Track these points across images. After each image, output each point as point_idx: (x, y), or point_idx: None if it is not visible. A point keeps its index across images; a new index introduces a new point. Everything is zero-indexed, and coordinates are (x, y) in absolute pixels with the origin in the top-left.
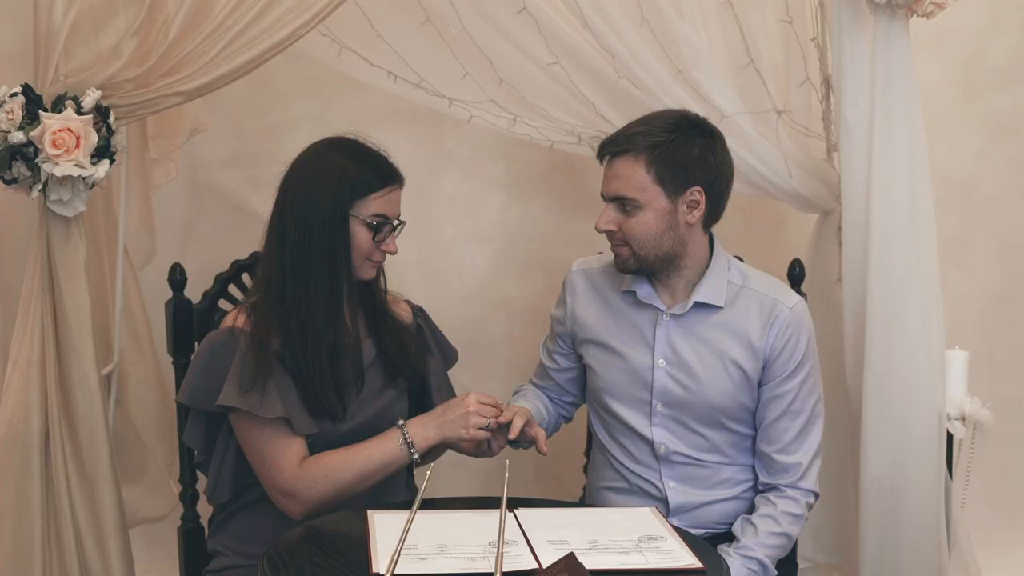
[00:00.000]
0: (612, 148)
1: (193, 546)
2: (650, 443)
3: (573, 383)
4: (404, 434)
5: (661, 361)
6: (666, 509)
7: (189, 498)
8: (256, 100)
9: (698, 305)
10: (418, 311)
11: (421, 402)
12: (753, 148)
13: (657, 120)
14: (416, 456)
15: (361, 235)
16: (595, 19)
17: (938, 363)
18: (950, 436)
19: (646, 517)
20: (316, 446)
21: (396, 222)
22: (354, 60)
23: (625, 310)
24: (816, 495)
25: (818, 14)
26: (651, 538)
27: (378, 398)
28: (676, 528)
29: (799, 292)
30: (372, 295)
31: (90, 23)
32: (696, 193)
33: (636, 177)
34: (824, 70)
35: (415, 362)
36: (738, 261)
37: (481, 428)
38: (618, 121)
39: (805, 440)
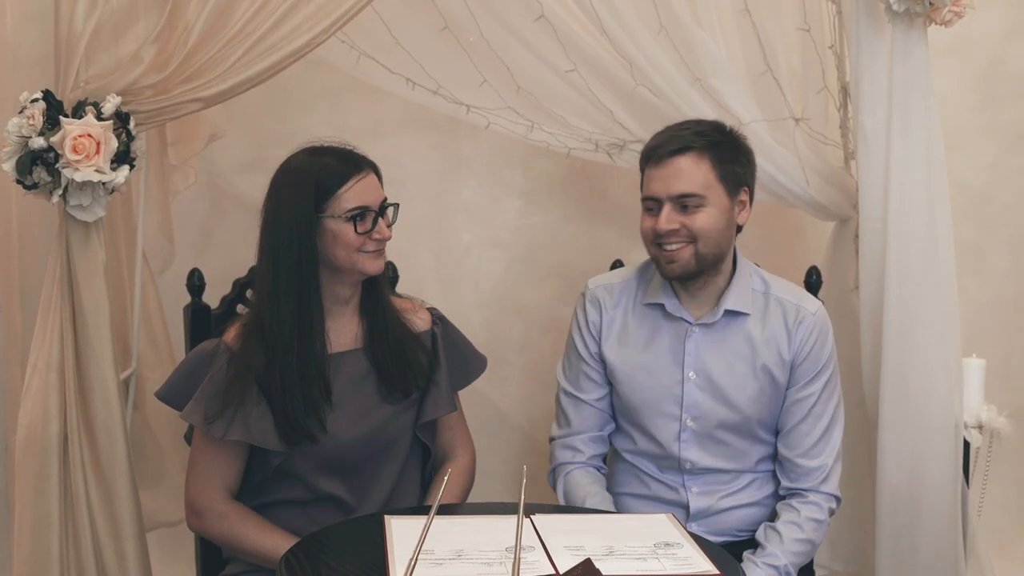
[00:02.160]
0: (672, 146)
1: (210, 551)
2: (677, 459)
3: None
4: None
5: (691, 374)
6: (686, 514)
7: None
8: (274, 106)
9: (727, 314)
10: (438, 320)
11: (418, 413)
12: (771, 156)
13: (701, 124)
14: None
15: (344, 232)
16: (613, 26)
17: (955, 371)
18: (967, 444)
19: (662, 523)
20: (306, 461)
21: (387, 205)
22: (372, 67)
23: (650, 325)
24: (838, 500)
25: (836, 22)
26: (667, 544)
27: (372, 413)
28: (692, 534)
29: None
30: (376, 303)
31: (111, 29)
32: (744, 193)
33: (701, 174)
34: (842, 78)
35: (417, 374)
36: (757, 267)
37: None
38: (636, 129)
39: (828, 443)
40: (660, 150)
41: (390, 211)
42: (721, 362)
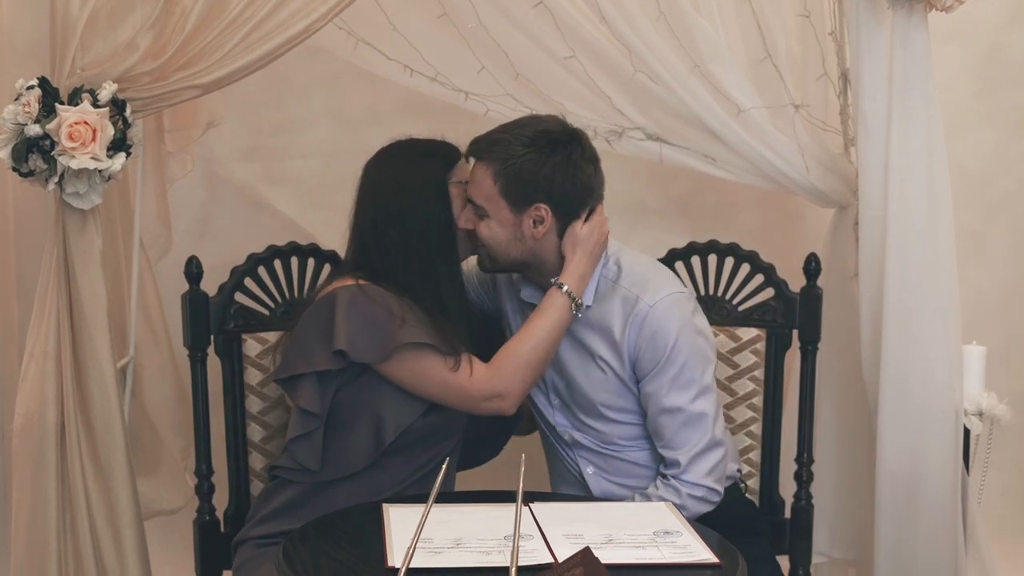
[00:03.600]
0: (473, 150)
1: (208, 538)
2: (554, 429)
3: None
4: (569, 294)
5: None
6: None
7: (205, 490)
8: (272, 94)
9: None
10: None
11: None
12: (770, 142)
13: (521, 130)
14: (583, 304)
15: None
16: (612, 13)
17: (955, 358)
18: (967, 431)
19: (662, 511)
20: (436, 431)
21: None
22: (370, 54)
23: (524, 306)
24: (709, 489)
25: (836, 8)
26: (667, 532)
27: None
28: (692, 523)
29: (814, 286)
30: None
31: (107, 16)
32: (541, 210)
33: (484, 186)
34: (842, 64)
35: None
36: (627, 253)
37: None
38: (635, 115)
39: (687, 439)
40: (469, 148)
41: None
42: (566, 349)
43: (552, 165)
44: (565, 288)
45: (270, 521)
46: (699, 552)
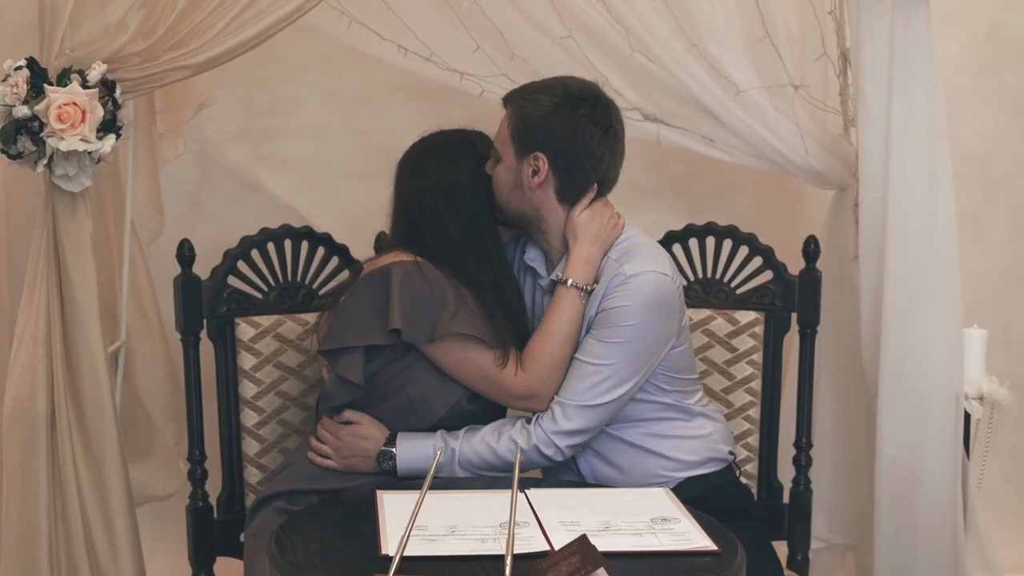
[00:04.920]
0: (506, 96)
1: (202, 524)
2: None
3: None
4: (578, 286)
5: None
6: (578, 474)
7: (198, 476)
8: (265, 74)
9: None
10: None
11: None
12: (769, 123)
13: (550, 82)
14: (591, 287)
15: None
16: None
17: (955, 342)
18: (967, 416)
19: (660, 498)
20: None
21: None
22: (364, 34)
23: (525, 267)
24: (556, 448)
25: None
26: (664, 519)
27: None
28: (690, 509)
29: (813, 269)
30: None
31: None
32: (540, 160)
33: (503, 127)
34: (841, 44)
35: None
36: (639, 237)
37: None
38: (632, 96)
39: (567, 386)
40: (505, 96)
41: None
42: None
43: (557, 115)
44: (570, 283)
45: (296, 477)
46: (697, 539)
